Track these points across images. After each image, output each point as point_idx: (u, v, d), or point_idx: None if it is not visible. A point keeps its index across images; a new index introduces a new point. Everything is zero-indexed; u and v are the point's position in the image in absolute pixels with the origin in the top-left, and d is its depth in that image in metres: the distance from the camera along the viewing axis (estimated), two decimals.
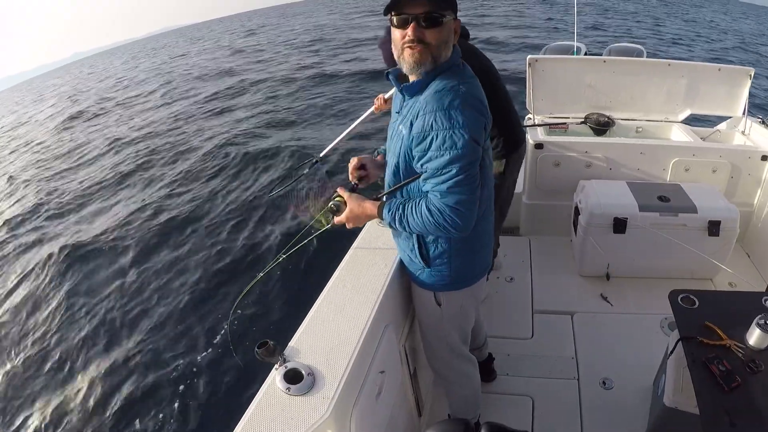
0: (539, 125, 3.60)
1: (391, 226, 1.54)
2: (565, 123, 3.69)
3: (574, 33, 5.45)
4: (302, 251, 1.67)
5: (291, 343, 1.49)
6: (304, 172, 2.55)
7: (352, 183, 1.69)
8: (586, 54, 5.86)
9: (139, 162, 11.37)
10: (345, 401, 1.35)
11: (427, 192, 1.41)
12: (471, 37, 2.70)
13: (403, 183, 1.53)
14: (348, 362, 1.41)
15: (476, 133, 1.33)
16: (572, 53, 5.51)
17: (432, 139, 1.34)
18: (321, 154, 3.09)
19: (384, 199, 1.57)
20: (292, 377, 1.34)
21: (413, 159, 1.43)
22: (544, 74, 3.63)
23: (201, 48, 42.12)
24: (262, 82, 17.98)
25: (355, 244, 2.01)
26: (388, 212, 1.50)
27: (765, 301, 1.71)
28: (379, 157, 1.81)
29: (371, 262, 1.87)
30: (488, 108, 1.42)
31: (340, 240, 1.81)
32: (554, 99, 3.73)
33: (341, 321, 1.57)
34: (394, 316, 1.83)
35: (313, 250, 5.40)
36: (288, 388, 1.31)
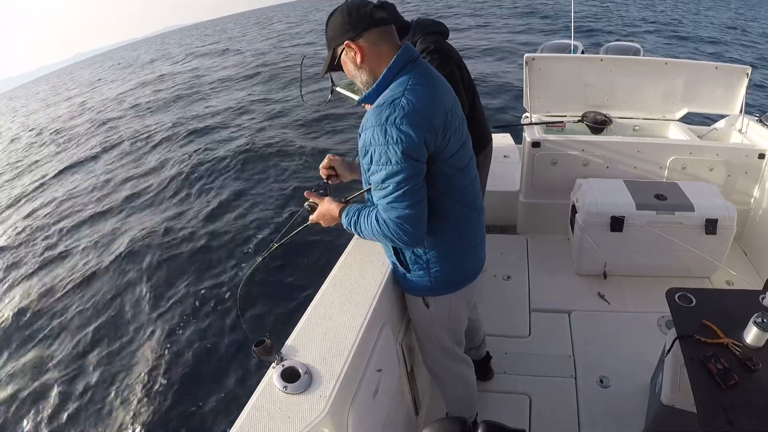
0: (536, 124, 3.60)
1: (349, 230, 1.58)
2: (562, 121, 3.68)
3: (571, 31, 5.45)
4: (299, 249, 1.69)
5: (288, 342, 1.49)
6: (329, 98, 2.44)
7: (323, 180, 1.78)
8: (583, 52, 5.86)
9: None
10: (342, 400, 1.35)
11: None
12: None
13: (360, 191, 1.59)
14: (345, 361, 1.40)
15: (412, 149, 1.30)
16: (569, 51, 5.51)
17: (371, 153, 1.35)
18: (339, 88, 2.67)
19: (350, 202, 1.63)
20: (289, 376, 1.33)
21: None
22: (541, 73, 3.62)
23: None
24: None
25: (352, 242, 2.00)
26: (346, 216, 1.56)
27: (762, 299, 1.70)
28: (356, 161, 1.83)
29: (368, 260, 1.86)
30: (445, 113, 1.40)
31: (338, 238, 1.82)
32: (551, 97, 3.73)
33: (338, 319, 1.56)
34: (391, 315, 1.83)
35: (309, 248, 5.41)
36: (285, 387, 1.30)
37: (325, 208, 1.63)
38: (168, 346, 4.87)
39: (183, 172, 9.74)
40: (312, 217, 1.69)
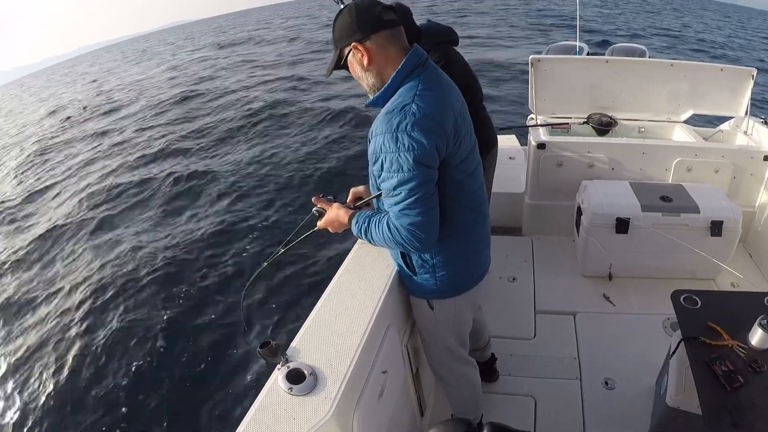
0: (542, 125, 3.60)
1: (359, 237, 1.58)
2: (567, 123, 3.68)
3: (576, 33, 5.45)
4: (305, 251, 1.70)
5: (293, 344, 1.49)
6: None
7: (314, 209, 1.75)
8: (588, 54, 5.86)
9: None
10: (347, 401, 1.35)
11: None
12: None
13: (370, 198, 1.59)
14: (350, 362, 1.41)
15: (424, 156, 1.30)
16: (575, 53, 5.51)
17: (382, 161, 1.35)
18: None
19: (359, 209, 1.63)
20: (295, 377, 1.34)
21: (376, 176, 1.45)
22: (547, 74, 3.62)
23: None
24: None
25: (357, 245, 2.01)
26: (356, 224, 1.56)
27: (767, 301, 1.70)
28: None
29: (373, 262, 1.87)
30: (455, 118, 1.39)
31: (342, 241, 1.83)
32: (557, 99, 3.73)
33: (343, 321, 1.57)
34: (396, 316, 1.83)
35: (315, 250, 5.42)
36: (290, 388, 1.31)
37: (334, 215, 1.63)
38: (171, 344, 4.89)
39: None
40: (320, 223, 1.68)
